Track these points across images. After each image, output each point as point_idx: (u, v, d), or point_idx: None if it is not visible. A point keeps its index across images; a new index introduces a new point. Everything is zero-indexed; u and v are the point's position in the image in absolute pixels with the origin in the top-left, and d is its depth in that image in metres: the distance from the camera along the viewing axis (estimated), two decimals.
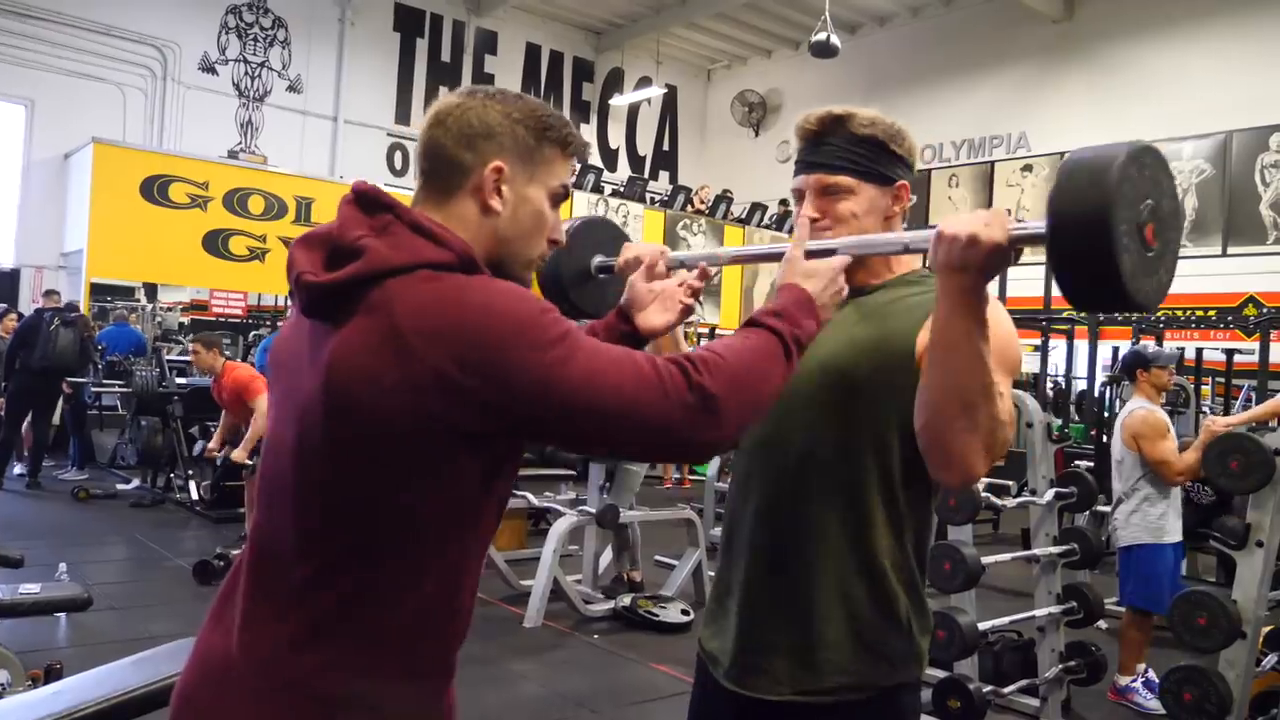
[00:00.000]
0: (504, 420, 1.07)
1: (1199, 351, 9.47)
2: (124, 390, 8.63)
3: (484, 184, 1.17)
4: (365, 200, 1.14)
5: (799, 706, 1.46)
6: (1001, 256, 1.19)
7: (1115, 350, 10.63)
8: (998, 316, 1.43)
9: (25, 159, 11.85)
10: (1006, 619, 3.91)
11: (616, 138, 17.64)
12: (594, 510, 5.18)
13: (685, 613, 5.13)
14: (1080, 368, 10.50)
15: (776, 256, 1.60)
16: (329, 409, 1.07)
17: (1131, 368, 4.46)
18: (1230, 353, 9.35)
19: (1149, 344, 5.24)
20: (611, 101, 17.29)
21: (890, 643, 1.46)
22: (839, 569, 1.45)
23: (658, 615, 5.06)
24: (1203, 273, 12.05)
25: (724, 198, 14.52)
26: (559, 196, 1.24)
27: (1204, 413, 8.95)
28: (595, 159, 16.59)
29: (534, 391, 1.04)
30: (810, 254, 1.34)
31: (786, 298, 1.26)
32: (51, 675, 3.22)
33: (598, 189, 12.92)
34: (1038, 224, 1.15)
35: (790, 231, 1.65)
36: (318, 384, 1.08)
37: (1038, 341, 9.56)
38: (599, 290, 1.77)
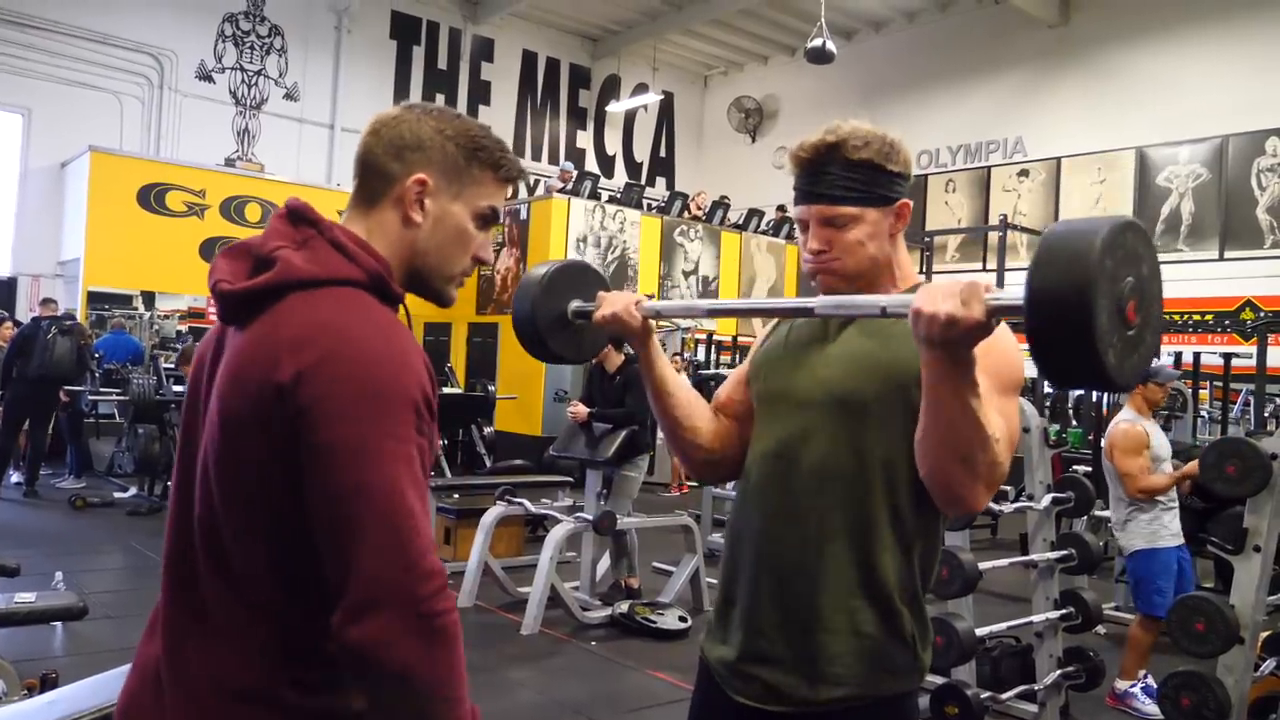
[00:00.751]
0: (294, 450, 1.03)
1: (1196, 356, 9.47)
2: (121, 398, 8.62)
3: (405, 195, 1.18)
4: (294, 215, 1.17)
5: (802, 716, 1.47)
6: (983, 330, 1.18)
7: None
8: (999, 334, 1.43)
9: (22, 167, 11.87)
10: (1004, 625, 3.90)
11: (613, 144, 17.67)
12: (591, 517, 5.17)
13: (683, 619, 5.12)
14: None
15: (755, 312, 1.59)
16: (219, 412, 1.09)
17: None
18: (1228, 357, 9.34)
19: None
20: (608, 108, 17.33)
21: (894, 657, 1.46)
22: (844, 585, 1.45)
23: (655, 622, 5.06)
24: (1200, 277, 12.08)
25: (721, 204, 14.52)
26: (486, 218, 1.24)
27: (1201, 417, 8.96)
28: (592, 165, 16.61)
29: (335, 454, 1.01)
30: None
31: None
32: (47, 684, 3.20)
33: (594, 195, 12.92)
34: (1016, 296, 1.13)
35: (789, 238, 1.66)
36: (216, 386, 1.11)
37: None
38: (575, 336, 1.76)
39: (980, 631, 3.59)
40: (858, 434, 1.46)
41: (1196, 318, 11.30)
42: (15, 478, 8.63)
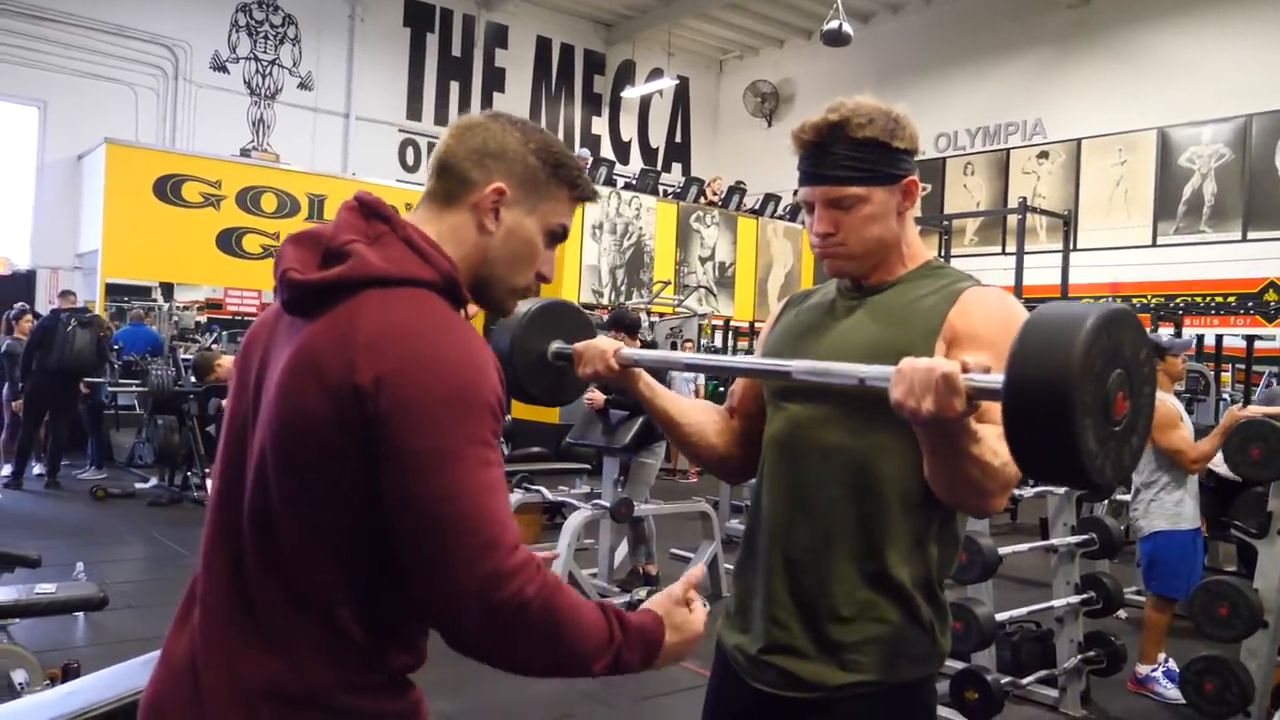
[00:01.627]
0: (371, 453, 1.03)
1: (1219, 338, 9.38)
2: (140, 390, 8.68)
3: (483, 202, 1.18)
4: (365, 208, 1.16)
5: (821, 702, 1.46)
6: (968, 414, 1.15)
7: None
8: (1009, 315, 1.42)
9: (39, 160, 11.93)
10: (1025, 610, 3.88)
11: (628, 130, 17.62)
12: (609, 504, 5.17)
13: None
14: None
15: (733, 370, 1.54)
16: (281, 401, 1.07)
17: None
18: (1251, 339, 9.25)
19: (1164, 332, 5.18)
20: (623, 94, 17.27)
21: (913, 643, 1.45)
22: (855, 572, 1.44)
23: None
24: (1222, 258, 11.95)
25: (737, 189, 14.48)
26: (556, 235, 1.24)
27: (1224, 400, 8.89)
28: (607, 152, 16.57)
29: (415, 459, 1.01)
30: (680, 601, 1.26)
31: (646, 623, 1.18)
32: (69, 674, 3.24)
33: (610, 182, 12.89)
34: (996, 381, 1.08)
35: (804, 223, 1.64)
36: (278, 376, 1.09)
37: None
38: (555, 378, 1.72)
39: (1000, 616, 3.57)
40: (868, 422, 1.43)
41: (1219, 299, 11.19)
42: (37, 469, 8.71)
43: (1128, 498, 4.77)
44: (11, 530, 6.41)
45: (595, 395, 5.59)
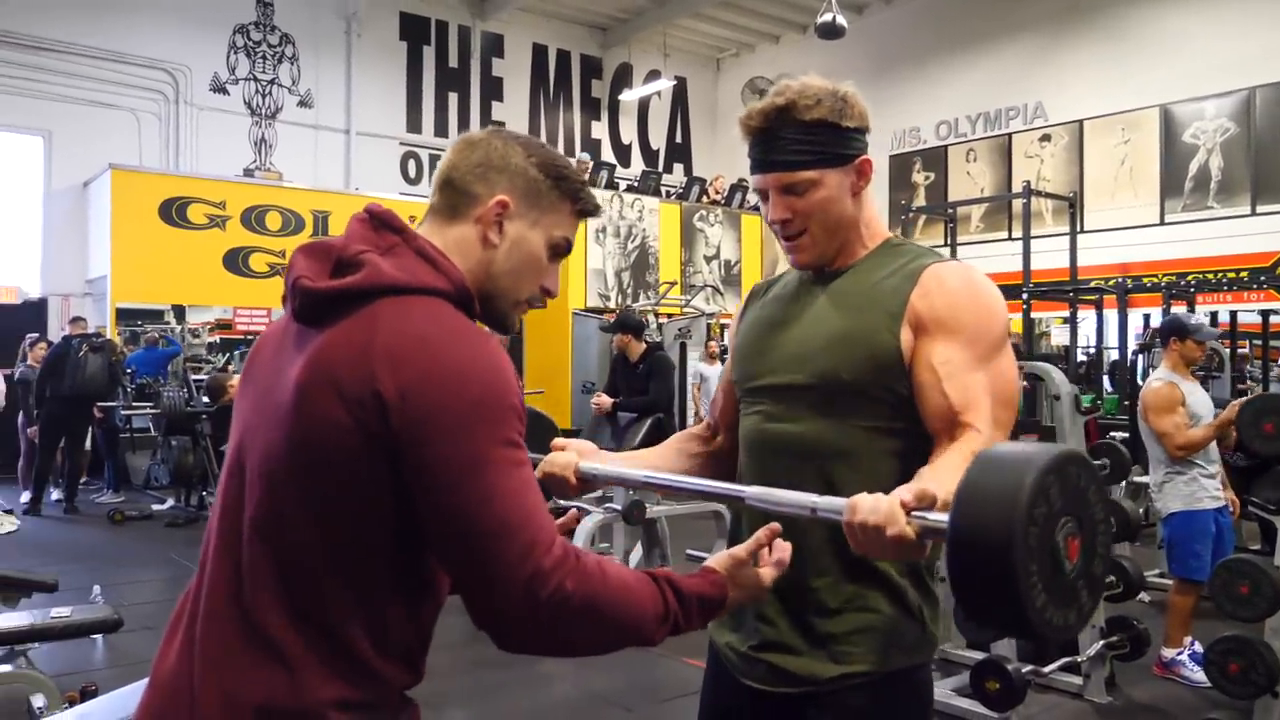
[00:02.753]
0: (395, 464, 1.03)
1: (1233, 314, 9.29)
2: (154, 412, 8.73)
3: (486, 215, 1.19)
4: (377, 220, 1.18)
5: (813, 696, 1.44)
6: (919, 550, 1.13)
7: (1146, 318, 10.46)
8: (973, 291, 1.40)
9: (46, 189, 11.99)
10: None
11: (628, 133, 17.60)
12: (620, 508, 5.15)
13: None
14: (1112, 338, 10.35)
15: (690, 491, 1.51)
16: (296, 411, 1.06)
17: (1167, 334, 4.36)
18: (1266, 314, 9.16)
19: (1190, 313, 5.11)
20: (621, 97, 17.25)
21: (904, 632, 1.44)
22: (838, 566, 1.43)
23: None
24: (1232, 233, 11.84)
25: (739, 187, 14.45)
26: (559, 248, 1.25)
27: (1252, 378, 8.80)
28: (608, 155, 16.55)
29: (447, 467, 1.02)
30: (740, 562, 1.23)
31: (704, 590, 1.19)
32: (87, 696, 3.26)
33: (612, 185, 12.88)
34: (943, 520, 1.04)
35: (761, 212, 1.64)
36: (291, 386, 1.08)
37: (1066, 313, 9.43)
38: None
39: None
40: (838, 414, 1.42)
41: (1231, 275, 11.09)
42: (55, 495, 8.76)
43: (1146, 479, 4.73)
44: (31, 555, 6.44)
45: (602, 399, 5.59)
